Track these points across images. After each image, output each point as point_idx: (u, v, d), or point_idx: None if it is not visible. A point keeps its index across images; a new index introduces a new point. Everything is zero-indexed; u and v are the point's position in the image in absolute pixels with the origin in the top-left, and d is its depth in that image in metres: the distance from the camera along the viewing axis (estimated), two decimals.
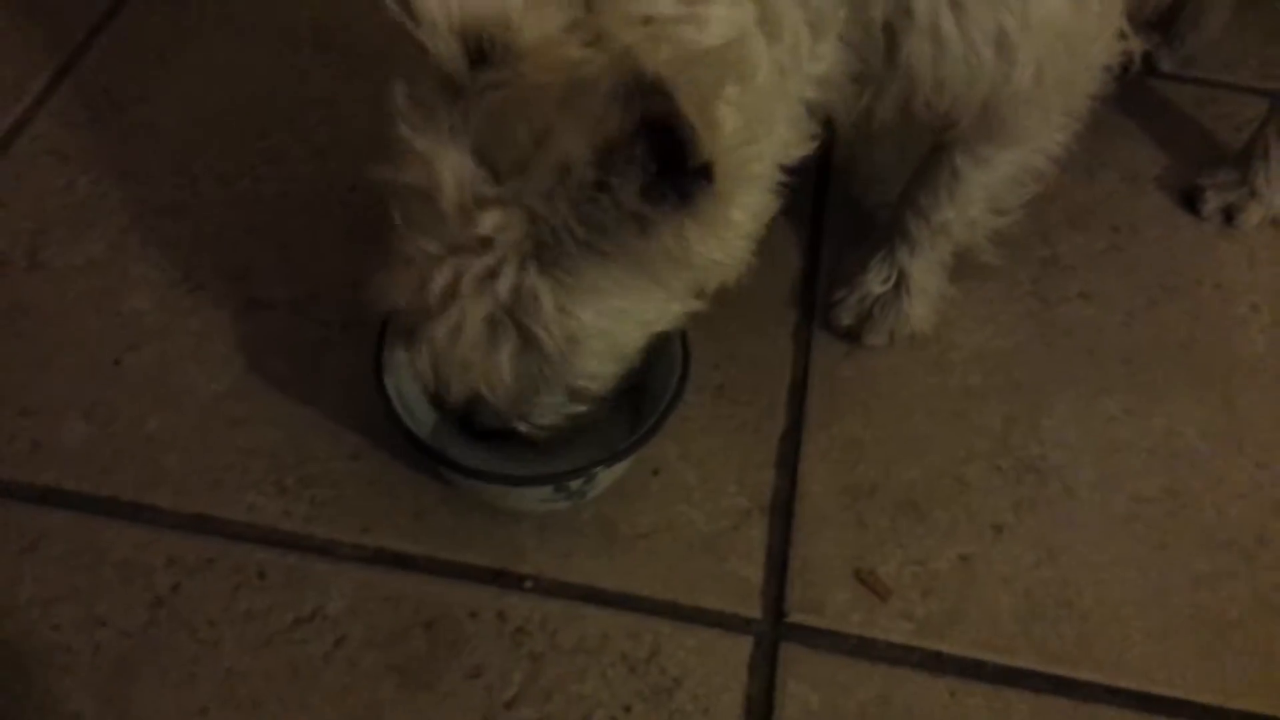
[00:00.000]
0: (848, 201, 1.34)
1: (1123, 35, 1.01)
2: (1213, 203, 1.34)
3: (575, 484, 0.99)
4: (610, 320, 0.87)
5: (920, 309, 1.19)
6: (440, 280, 0.82)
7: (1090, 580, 1.05)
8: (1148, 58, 1.50)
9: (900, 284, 1.18)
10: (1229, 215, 1.34)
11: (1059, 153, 1.09)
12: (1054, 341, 1.22)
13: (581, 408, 0.97)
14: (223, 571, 1.01)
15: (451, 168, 0.78)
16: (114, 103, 1.40)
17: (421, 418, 1.04)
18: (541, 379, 0.90)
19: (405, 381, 1.03)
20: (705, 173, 0.75)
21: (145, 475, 1.07)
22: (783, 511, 1.07)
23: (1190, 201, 1.36)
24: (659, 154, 0.74)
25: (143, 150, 1.34)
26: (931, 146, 1.11)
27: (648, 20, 0.77)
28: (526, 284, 0.82)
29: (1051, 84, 0.96)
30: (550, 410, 0.97)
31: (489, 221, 0.79)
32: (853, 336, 1.20)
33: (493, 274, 0.81)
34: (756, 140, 0.83)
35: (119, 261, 1.23)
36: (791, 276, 1.26)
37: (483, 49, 0.77)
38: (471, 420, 1.00)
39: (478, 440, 1.03)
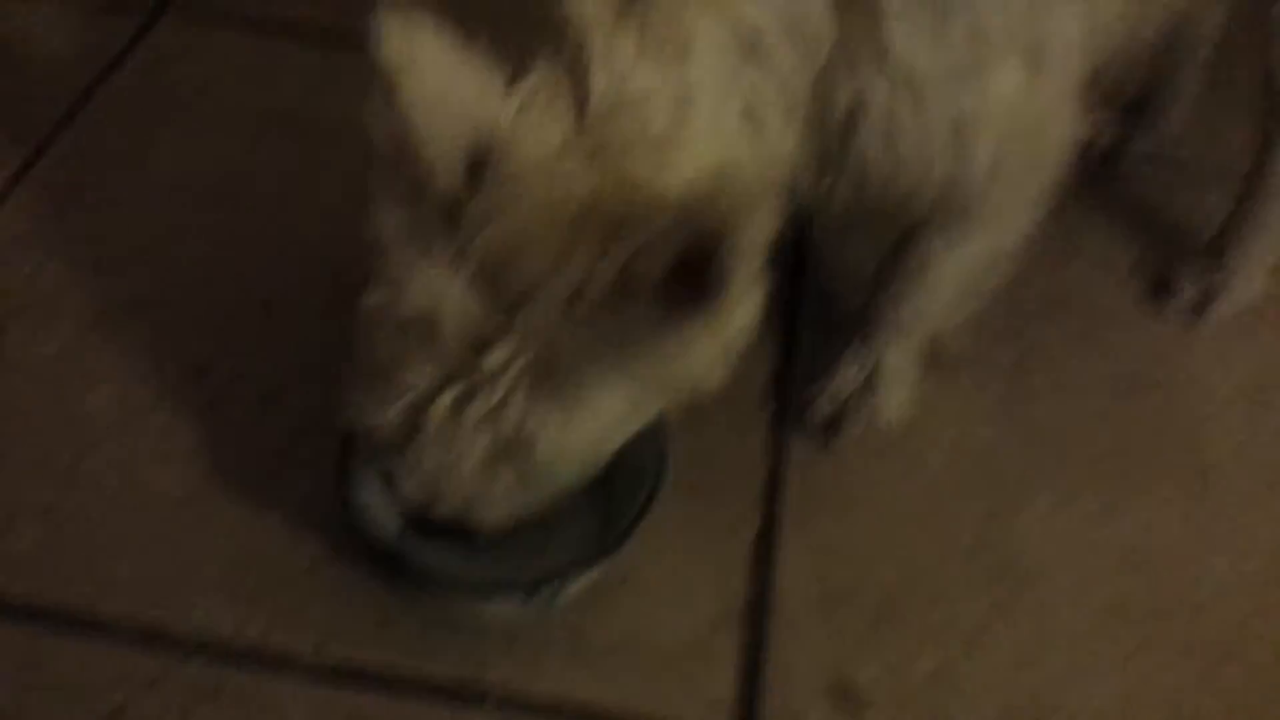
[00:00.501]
0: (822, 298, 1.33)
1: (1087, 111, 1.01)
2: (1185, 293, 1.34)
3: (544, 592, 0.97)
4: (604, 429, 0.86)
5: (895, 401, 1.18)
6: (440, 410, 0.81)
7: (1072, 687, 1.02)
8: (1121, 143, 1.51)
9: (874, 376, 1.18)
10: (1200, 306, 1.33)
11: (1030, 235, 1.08)
12: (1029, 436, 1.21)
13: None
14: (174, 689, 0.97)
15: (454, 300, 0.77)
16: (81, 195, 1.38)
17: (385, 527, 1.01)
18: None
19: (367, 490, 1.01)
20: (721, 285, 0.74)
21: (96, 583, 1.03)
22: (757, 618, 1.05)
23: (1163, 291, 1.36)
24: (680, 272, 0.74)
25: (113, 242, 1.32)
26: (901, 234, 1.10)
27: (643, 137, 0.77)
28: (533, 414, 0.81)
29: (1013, 168, 0.96)
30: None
31: (496, 357, 0.78)
32: (828, 432, 1.19)
33: (501, 407, 0.80)
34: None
35: (82, 357, 1.21)
36: (766, 375, 1.24)
37: (479, 169, 0.76)
38: (426, 519, 0.97)
39: (436, 538, 1.00)
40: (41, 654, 0.98)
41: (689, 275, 0.73)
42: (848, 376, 1.17)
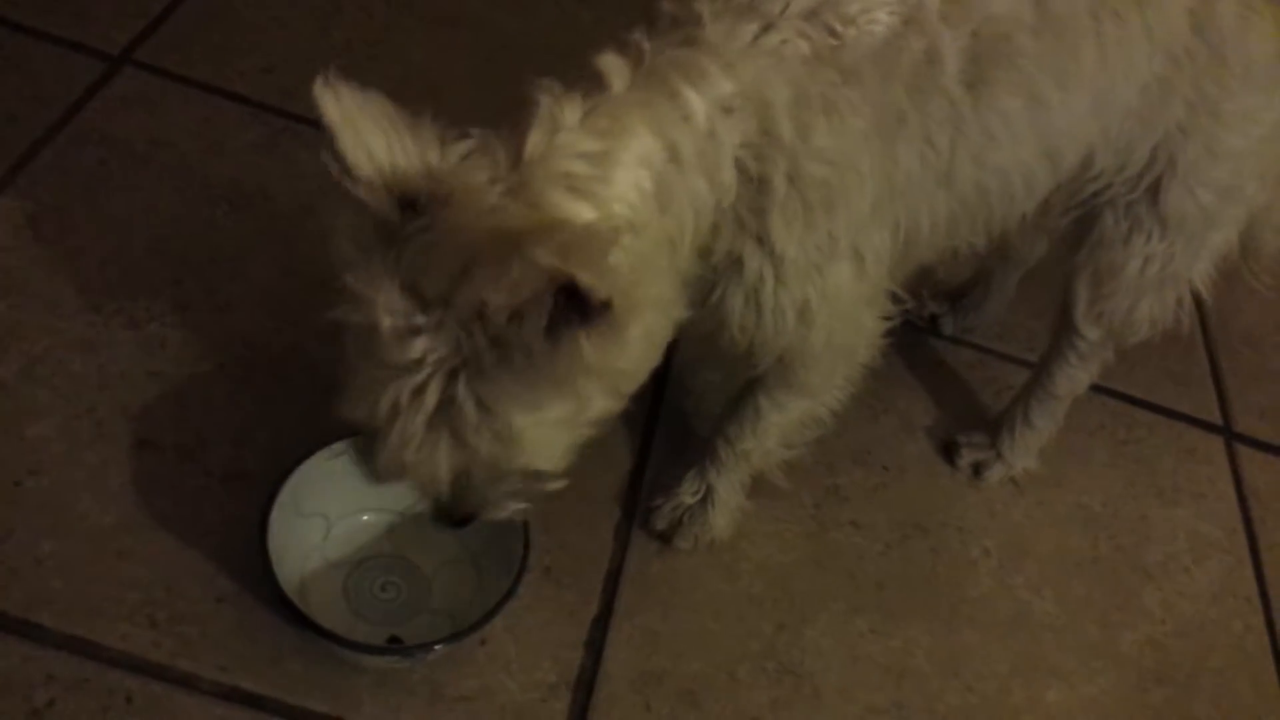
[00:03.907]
0: (677, 417, 1.58)
1: (897, 300, 1.27)
2: (966, 458, 1.64)
3: (418, 653, 1.19)
4: (533, 421, 0.98)
5: (721, 521, 1.44)
6: (386, 399, 0.97)
7: None
8: (935, 320, 1.82)
9: (707, 498, 1.43)
10: (977, 470, 1.63)
11: (838, 407, 1.35)
12: (824, 561, 1.48)
13: (545, 487, 1.11)
14: (95, 693, 1.15)
15: (386, 303, 0.95)
16: (39, 231, 1.54)
17: (290, 576, 1.21)
18: (490, 473, 1.05)
19: (280, 540, 1.21)
20: (606, 304, 0.89)
21: (34, 594, 1.21)
22: (584, 689, 1.28)
23: (949, 453, 1.65)
24: (566, 294, 0.88)
25: (61, 282, 1.49)
26: (743, 387, 1.36)
27: (563, 179, 0.96)
28: (451, 396, 0.96)
29: (835, 349, 1.23)
30: (514, 496, 1.12)
31: (418, 346, 0.95)
32: (665, 539, 1.44)
33: (421, 389, 0.96)
34: (646, 277, 1.01)
35: (28, 388, 1.37)
36: (621, 478, 1.49)
37: (414, 199, 0.94)
38: (449, 510, 1.13)
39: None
40: None
41: (577, 304, 0.88)
42: (686, 495, 1.43)
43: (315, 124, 0.93)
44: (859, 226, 1.13)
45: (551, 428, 1.02)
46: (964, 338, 1.83)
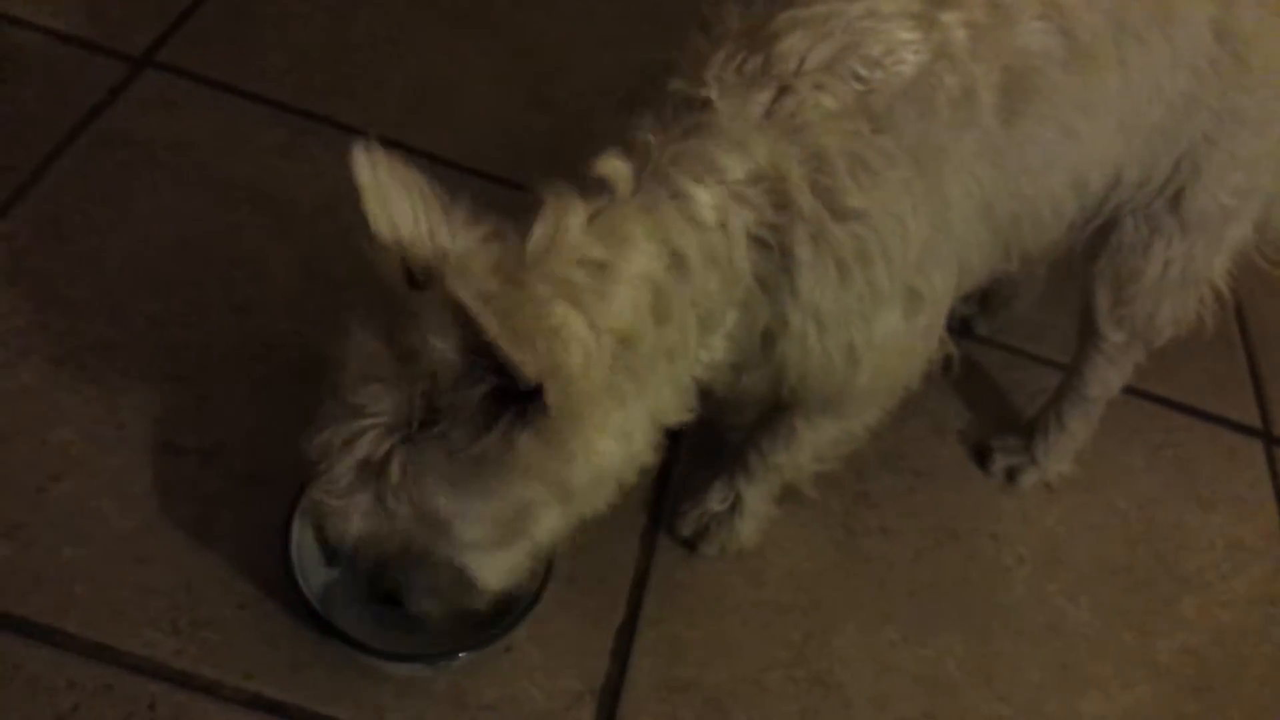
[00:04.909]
0: (705, 422, 1.55)
1: (940, 341, 1.26)
2: (999, 463, 1.61)
3: (442, 661, 1.17)
4: (459, 509, 0.99)
5: (749, 529, 1.42)
6: (324, 438, 0.98)
7: None
8: (967, 322, 1.79)
9: (735, 506, 1.40)
10: (1011, 475, 1.60)
11: (876, 425, 1.33)
12: (853, 569, 1.46)
13: (472, 603, 1.12)
14: (118, 699, 1.14)
15: (360, 347, 0.97)
16: (61, 233, 1.53)
17: (313, 582, 1.20)
18: (407, 551, 1.04)
19: (302, 547, 1.20)
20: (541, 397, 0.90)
21: (57, 600, 1.20)
22: (610, 698, 1.26)
23: (981, 457, 1.62)
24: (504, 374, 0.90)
25: (83, 284, 1.48)
26: (774, 405, 1.33)
27: (564, 282, 0.97)
28: (384, 453, 0.96)
29: (883, 382, 1.21)
30: (434, 594, 1.13)
31: (370, 393, 0.96)
32: (691, 545, 1.41)
33: (356, 436, 0.96)
34: (623, 395, 1.02)
35: (51, 392, 1.36)
36: (647, 483, 1.46)
37: (423, 272, 0.95)
38: (373, 584, 1.16)
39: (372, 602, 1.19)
40: (8, 656, 1.14)
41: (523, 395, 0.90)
42: (713, 502, 1.40)
43: (336, 124, 0.92)
44: (910, 269, 1.11)
45: (481, 525, 1.02)
46: (997, 338, 1.80)
